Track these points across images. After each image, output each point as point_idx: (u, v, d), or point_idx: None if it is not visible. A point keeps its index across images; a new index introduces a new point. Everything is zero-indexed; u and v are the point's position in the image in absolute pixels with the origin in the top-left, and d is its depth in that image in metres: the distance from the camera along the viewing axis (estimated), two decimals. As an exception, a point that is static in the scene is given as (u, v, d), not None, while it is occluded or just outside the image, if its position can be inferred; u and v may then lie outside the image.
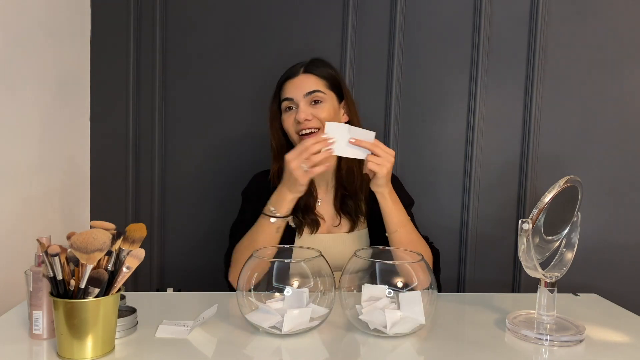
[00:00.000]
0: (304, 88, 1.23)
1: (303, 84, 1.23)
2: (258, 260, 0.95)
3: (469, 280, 1.66)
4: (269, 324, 0.91)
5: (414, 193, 1.36)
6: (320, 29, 1.62)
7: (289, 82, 1.25)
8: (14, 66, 1.26)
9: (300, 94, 1.23)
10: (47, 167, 1.42)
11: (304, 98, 1.22)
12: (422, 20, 1.62)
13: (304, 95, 1.22)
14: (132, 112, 1.64)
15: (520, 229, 0.92)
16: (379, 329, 0.92)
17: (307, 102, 1.23)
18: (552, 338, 0.93)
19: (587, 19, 1.59)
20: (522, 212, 1.63)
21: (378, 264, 0.94)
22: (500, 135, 1.63)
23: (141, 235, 0.83)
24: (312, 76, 1.25)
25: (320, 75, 1.25)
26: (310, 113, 1.21)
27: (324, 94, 1.24)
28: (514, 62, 1.61)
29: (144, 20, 1.62)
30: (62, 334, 0.80)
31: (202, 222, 1.67)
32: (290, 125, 1.24)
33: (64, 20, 1.48)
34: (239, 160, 1.65)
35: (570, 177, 0.95)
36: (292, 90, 1.24)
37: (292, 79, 1.25)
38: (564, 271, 0.99)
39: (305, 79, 1.24)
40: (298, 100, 1.23)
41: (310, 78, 1.24)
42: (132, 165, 1.66)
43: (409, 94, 1.63)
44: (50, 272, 0.79)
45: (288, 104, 1.25)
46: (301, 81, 1.24)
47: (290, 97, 1.24)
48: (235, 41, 1.63)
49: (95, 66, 1.63)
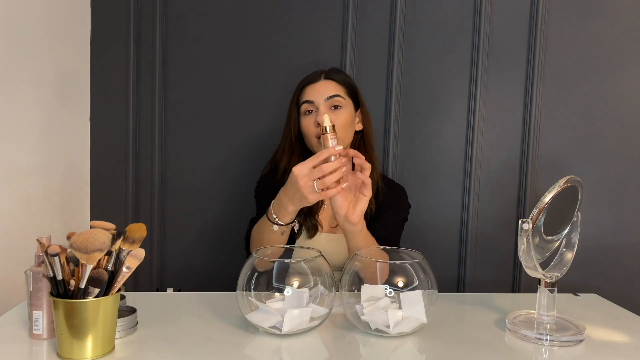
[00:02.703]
0: (325, 92, 1.26)
1: (324, 89, 1.26)
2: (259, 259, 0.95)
3: (469, 280, 1.66)
4: (269, 324, 0.91)
5: (414, 193, 1.37)
6: (320, 29, 1.62)
7: (310, 86, 1.28)
8: (14, 66, 1.26)
9: (321, 98, 1.25)
10: (47, 167, 1.42)
11: (324, 102, 1.25)
12: (422, 20, 1.62)
13: (325, 99, 1.25)
14: (132, 112, 1.64)
15: (520, 229, 0.92)
16: (381, 329, 0.92)
17: (328, 106, 1.25)
18: (552, 338, 0.93)
19: (587, 19, 1.59)
20: (522, 212, 1.63)
21: (378, 264, 0.94)
22: (500, 135, 1.63)
23: (141, 235, 0.83)
24: (332, 82, 1.28)
25: (340, 82, 1.29)
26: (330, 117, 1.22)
27: (344, 99, 1.27)
28: (514, 62, 1.61)
29: (144, 20, 1.63)
30: (62, 334, 0.80)
31: (202, 222, 1.67)
32: (310, 129, 1.25)
33: (64, 20, 1.48)
34: (239, 160, 1.65)
35: (570, 177, 0.95)
36: (313, 94, 1.26)
37: (314, 83, 1.28)
38: (564, 271, 0.99)
39: (326, 84, 1.27)
40: (318, 104, 1.25)
41: (331, 84, 1.28)
42: (132, 165, 1.66)
43: (409, 94, 1.63)
44: (50, 272, 0.79)
45: (308, 107, 1.27)
46: (322, 86, 1.27)
47: (311, 100, 1.26)
48: (235, 41, 1.63)
49: (95, 66, 1.63)
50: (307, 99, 1.27)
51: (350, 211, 1.06)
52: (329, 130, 1.04)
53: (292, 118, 1.31)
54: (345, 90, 1.29)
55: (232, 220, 1.66)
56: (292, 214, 1.10)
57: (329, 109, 1.25)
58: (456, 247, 1.67)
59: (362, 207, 1.06)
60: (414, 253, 0.99)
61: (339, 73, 1.32)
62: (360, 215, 1.07)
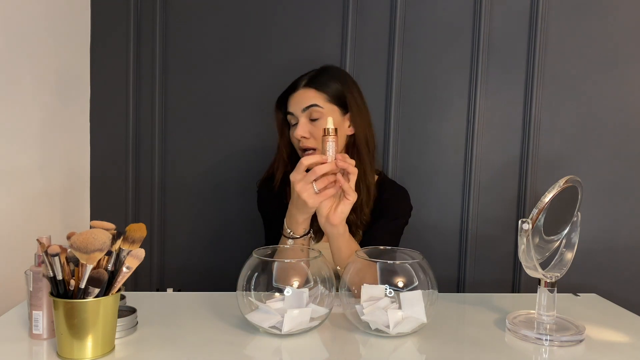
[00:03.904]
0: (302, 103, 1.21)
1: (302, 99, 1.22)
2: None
3: (469, 280, 1.66)
4: (269, 324, 0.91)
5: (413, 193, 1.36)
6: (320, 29, 1.62)
7: (291, 96, 1.24)
8: (14, 66, 1.26)
9: (299, 109, 1.21)
10: (47, 167, 1.42)
11: (302, 113, 1.21)
12: (422, 20, 1.62)
13: (302, 110, 1.21)
14: (132, 112, 1.64)
15: (520, 229, 0.92)
16: (381, 329, 0.92)
17: (306, 117, 1.21)
18: (552, 338, 0.93)
19: (588, 18, 1.59)
20: (522, 212, 1.63)
21: (379, 264, 0.94)
22: (500, 135, 1.63)
23: (141, 235, 0.83)
24: (311, 90, 1.22)
25: (320, 89, 1.22)
26: (308, 131, 1.20)
27: (322, 108, 1.21)
28: (514, 62, 1.61)
29: (144, 20, 1.63)
30: (62, 334, 0.80)
31: (202, 222, 1.67)
32: (294, 141, 1.24)
33: (64, 20, 1.48)
34: (239, 160, 1.65)
35: (570, 177, 0.95)
36: (293, 104, 1.23)
37: (293, 93, 1.24)
38: (564, 271, 0.99)
39: (304, 94, 1.22)
40: (298, 116, 1.22)
41: (309, 92, 1.22)
42: (132, 165, 1.66)
43: (409, 94, 1.63)
44: (50, 272, 0.79)
45: (290, 118, 1.24)
46: (300, 95, 1.22)
47: (291, 112, 1.23)
48: (235, 41, 1.63)
49: (95, 66, 1.63)
50: (288, 110, 1.24)
51: (331, 212, 1.05)
52: (331, 132, 1.02)
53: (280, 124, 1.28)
54: (326, 97, 1.21)
55: (232, 220, 1.66)
56: (302, 223, 1.09)
57: (308, 120, 1.21)
58: (456, 247, 1.67)
59: (344, 210, 1.05)
60: (414, 253, 0.99)
61: (322, 78, 1.23)
62: (341, 218, 1.05)
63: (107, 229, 0.83)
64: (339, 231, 1.07)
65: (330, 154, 1.02)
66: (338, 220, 1.05)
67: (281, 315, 0.91)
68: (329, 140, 1.02)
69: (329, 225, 1.06)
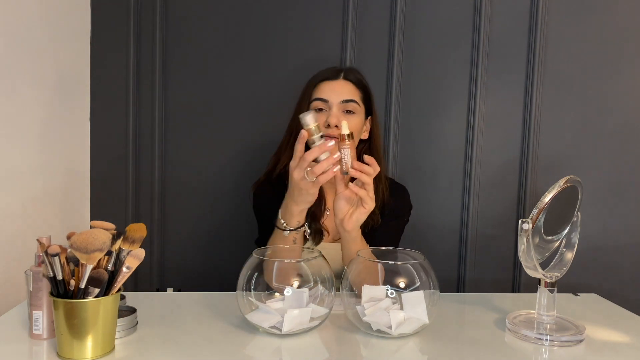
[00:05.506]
0: (342, 94, 1.20)
1: (342, 90, 1.20)
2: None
3: (469, 280, 1.66)
4: (269, 324, 0.91)
5: (414, 193, 1.36)
6: (320, 29, 1.62)
7: (327, 83, 1.22)
8: (14, 66, 1.26)
9: (336, 99, 1.19)
10: (47, 167, 1.42)
11: (339, 104, 1.19)
12: (422, 20, 1.62)
13: (341, 101, 1.19)
14: (132, 112, 1.64)
15: (520, 229, 0.92)
16: (382, 330, 0.92)
17: (341, 108, 1.19)
18: (552, 338, 0.93)
19: (587, 18, 1.59)
20: (522, 212, 1.63)
21: (380, 265, 0.94)
22: (500, 135, 1.63)
23: (141, 235, 0.83)
24: (350, 84, 1.22)
25: (357, 85, 1.23)
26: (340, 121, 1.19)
27: (358, 105, 1.21)
28: (514, 62, 1.61)
29: (144, 20, 1.62)
30: (62, 334, 0.80)
31: (202, 222, 1.67)
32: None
33: (64, 20, 1.48)
34: (240, 160, 1.65)
35: (570, 177, 0.95)
36: (329, 92, 1.20)
37: (331, 81, 1.22)
38: (564, 271, 0.99)
39: (344, 85, 1.22)
40: (332, 104, 1.19)
41: (349, 85, 1.22)
42: (132, 165, 1.66)
43: (409, 94, 1.63)
44: (50, 272, 0.79)
45: (320, 104, 1.20)
46: (340, 86, 1.21)
47: (326, 99, 1.19)
48: (235, 41, 1.63)
49: (95, 66, 1.63)
50: (321, 97, 1.20)
51: (346, 217, 1.06)
52: (346, 138, 1.01)
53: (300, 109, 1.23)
54: (361, 96, 1.23)
55: (232, 220, 1.66)
56: (298, 215, 1.09)
57: (341, 112, 1.19)
58: (456, 247, 1.67)
59: (359, 218, 1.06)
60: (415, 253, 0.99)
61: (357, 76, 1.25)
62: (354, 225, 1.07)
63: (107, 229, 0.83)
64: (351, 236, 1.09)
65: (346, 159, 1.01)
66: (351, 227, 1.07)
67: (281, 315, 0.91)
68: (344, 146, 1.01)
69: (342, 229, 1.08)
